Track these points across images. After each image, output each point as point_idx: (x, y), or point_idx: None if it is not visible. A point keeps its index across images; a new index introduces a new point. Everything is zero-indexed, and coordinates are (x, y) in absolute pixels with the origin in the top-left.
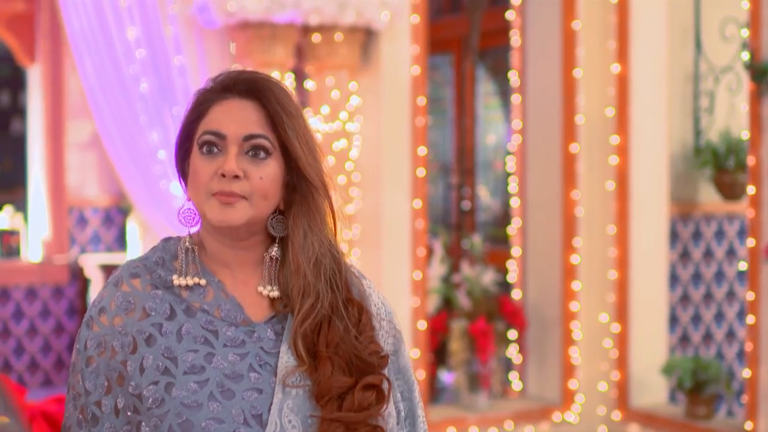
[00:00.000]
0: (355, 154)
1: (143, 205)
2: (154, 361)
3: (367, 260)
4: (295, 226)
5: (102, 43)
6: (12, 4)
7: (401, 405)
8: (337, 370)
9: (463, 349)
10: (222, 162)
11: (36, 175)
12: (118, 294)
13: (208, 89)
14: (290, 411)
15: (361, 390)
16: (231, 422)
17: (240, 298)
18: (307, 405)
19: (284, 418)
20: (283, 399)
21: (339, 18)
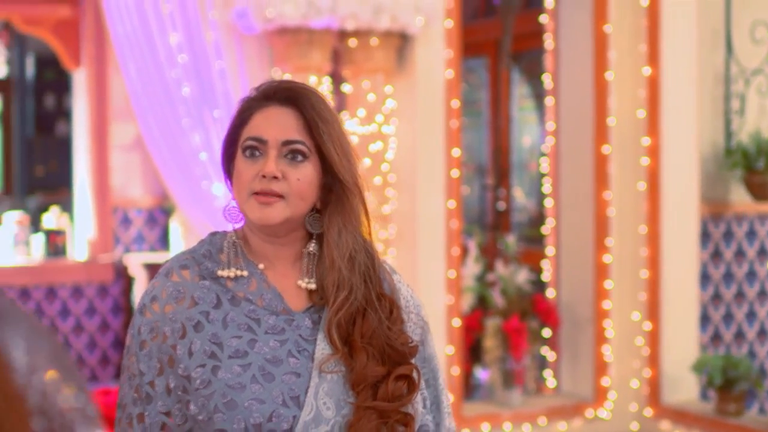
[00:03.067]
0: (391, 156)
1: (185, 205)
2: (202, 346)
3: (402, 259)
4: (330, 224)
5: (145, 48)
6: (58, 9)
7: (426, 392)
8: (372, 360)
9: (497, 347)
10: (263, 164)
11: (81, 176)
12: (168, 284)
13: (250, 98)
14: (325, 394)
15: (394, 380)
16: (271, 403)
17: (280, 289)
18: (341, 389)
19: (319, 400)
20: (319, 383)
21: (374, 23)
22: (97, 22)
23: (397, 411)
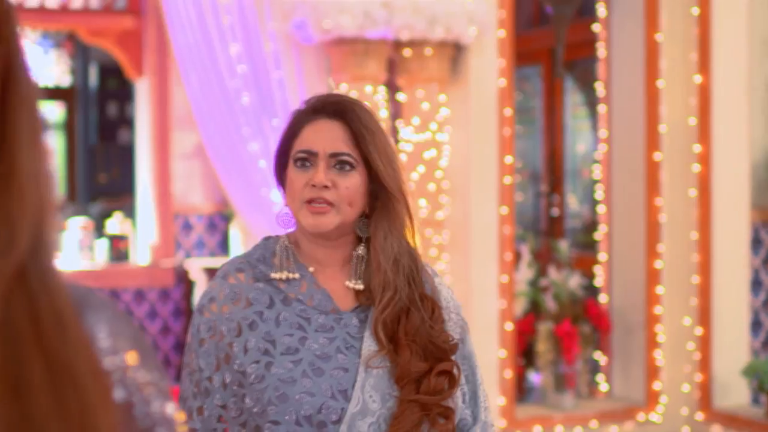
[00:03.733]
0: (445, 163)
1: (245, 212)
2: (256, 344)
3: (456, 264)
4: (376, 228)
5: (206, 59)
6: (121, 21)
7: (465, 387)
8: (415, 356)
9: (549, 351)
10: (313, 174)
11: (143, 183)
12: (225, 286)
13: (300, 111)
14: (371, 388)
15: (436, 375)
16: (321, 396)
17: (329, 290)
18: (386, 383)
19: (366, 393)
20: (365, 377)
21: (429, 34)
22: (160, 33)
23: (438, 404)
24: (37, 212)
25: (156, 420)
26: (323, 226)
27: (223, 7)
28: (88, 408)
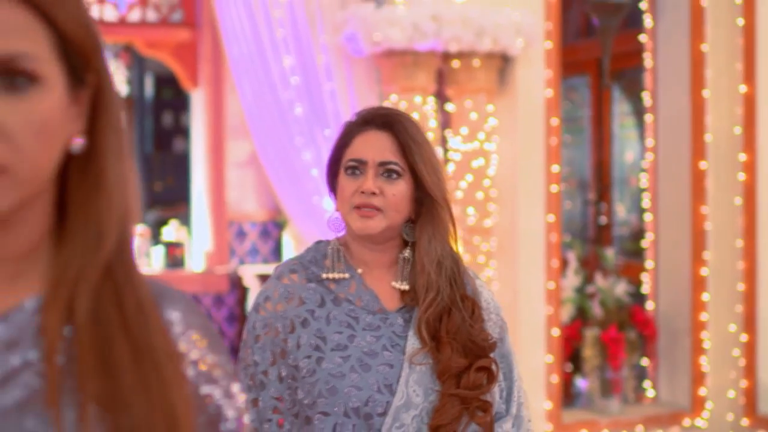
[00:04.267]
0: (493, 172)
1: (298, 219)
2: (308, 340)
3: (503, 271)
4: (421, 233)
5: (260, 70)
6: (177, 33)
7: (503, 383)
8: (455, 353)
9: (596, 356)
10: (363, 181)
11: (198, 191)
12: (279, 286)
13: (352, 122)
14: (415, 383)
15: (475, 371)
16: (367, 389)
17: (377, 291)
18: (428, 379)
19: (410, 388)
20: (409, 373)
21: (477, 45)
22: (215, 45)
23: (477, 398)
24: (123, 215)
25: (223, 396)
26: (371, 228)
27: (276, 21)
28: (166, 384)
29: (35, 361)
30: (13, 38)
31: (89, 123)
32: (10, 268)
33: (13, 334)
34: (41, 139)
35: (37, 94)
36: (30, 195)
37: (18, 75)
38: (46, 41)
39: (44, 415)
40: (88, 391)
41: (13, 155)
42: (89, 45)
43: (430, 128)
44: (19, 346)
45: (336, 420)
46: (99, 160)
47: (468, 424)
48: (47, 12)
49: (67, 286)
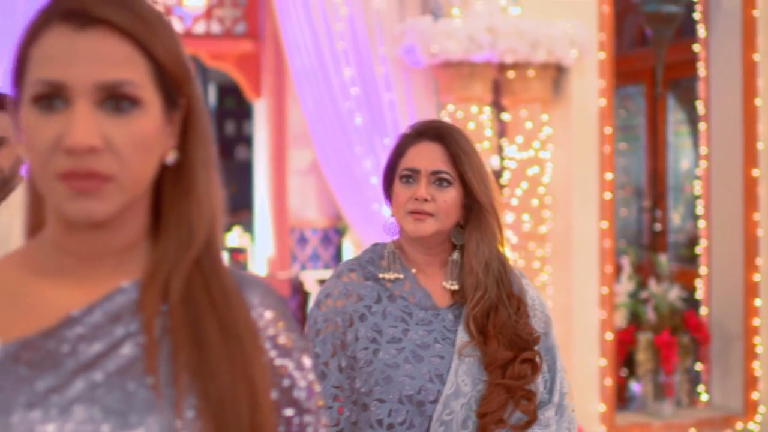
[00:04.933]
0: (547, 180)
1: (357, 226)
2: (365, 333)
3: (558, 276)
4: (470, 237)
5: (321, 81)
6: (241, 45)
7: (547, 375)
8: (502, 346)
9: (649, 360)
10: (416, 189)
11: (261, 198)
12: (339, 283)
13: (407, 134)
14: (464, 373)
15: (520, 363)
16: (420, 379)
17: (429, 289)
18: (476, 370)
19: (459, 378)
20: (458, 364)
21: (531, 56)
22: (277, 56)
23: (521, 388)
24: (210, 218)
25: (295, 367)
26: (423, 231)
27: (337, 33)
28: (247, 357)
29: (136, 332)
30: (119, 68)
31: (181, 139)
32: (114, 260)
33: (116, 311)
34: (141, 153)
35: (139, 115)
36: (132, 199)
37: (123, 99)
38: (146, 70)
39: (143, 380)
40: (181, 361)
41: (118, 166)
42: (181, 73)
43: (486, 137)
44: (122, 320)
45: (391, 407)
46: (189, 171)
47: (513, 411)
48: (146, 46)
49: (163, 273)
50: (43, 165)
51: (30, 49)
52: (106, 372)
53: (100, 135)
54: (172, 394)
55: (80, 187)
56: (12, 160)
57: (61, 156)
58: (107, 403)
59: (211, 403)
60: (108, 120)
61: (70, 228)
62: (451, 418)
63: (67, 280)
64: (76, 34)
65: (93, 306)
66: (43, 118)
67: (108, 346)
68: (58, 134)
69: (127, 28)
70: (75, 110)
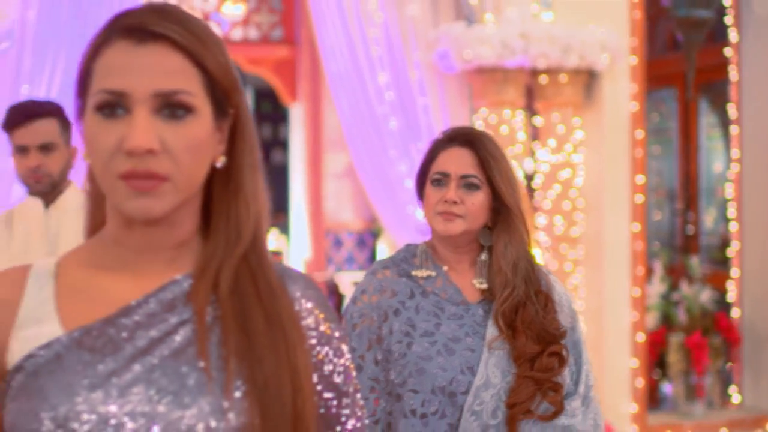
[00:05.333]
0: (580, 183)
1: (392, 228)
2: (400, 327)
3: (590, 278)
4: (498, 238)
5: (356, 86)
6: (277, 50)
7: (573, 368)
8: (530, 340)
9: (680, 361)
10: (446, 192)
11: (297, 201)
12: (374, 280)
13: (439, 140)
14: (493, 366)
15: (547, 356)
16: (452, 371)
17: (460, 286)
18: (505, 362)
19: (489, 370)
20: (488, 357)
21: (564, 61)
22: (313, 62)
23: (549, 380)
24: (255, 216)
25: (334, 354)
26: (451, 231)
27: (372, 39)
28: (290, 343)
29: (188, 320)
30: (175, 78)
31: (229, 145)
32: (168, 255)
33: (170, 300)
34: (194, 155)
35: (192, 121)
36: (185, 199)
37: (177, 107)
38: (198, 81)
39: (195, 363)
40: (230, 347)
41: (173, 167)
42: (230, 85)
43: (519, 141)
44: (176, 309)
45: (424, 397)
46: (237, 175)
47: (540, 402)
48: (199, 59)
49: (213, 266)
50: (106, 166)
51: (93, 62)
52: (161, 356)
53: (157, 139)
54: (221, 377)
55: (139, 186)
56: (60, 164)
57: (122, 158)
58: (163, 385)
59: (256, 386)
60: (164, 125)
61: (128, 225)
62: (481, 409)
63: (125, 273)
64: (136, 48)
65: (149, 296)
66: (106, 124)
67: (163, 332)
68: (119, 138)
69: (182, 42)
70: (135, 116)
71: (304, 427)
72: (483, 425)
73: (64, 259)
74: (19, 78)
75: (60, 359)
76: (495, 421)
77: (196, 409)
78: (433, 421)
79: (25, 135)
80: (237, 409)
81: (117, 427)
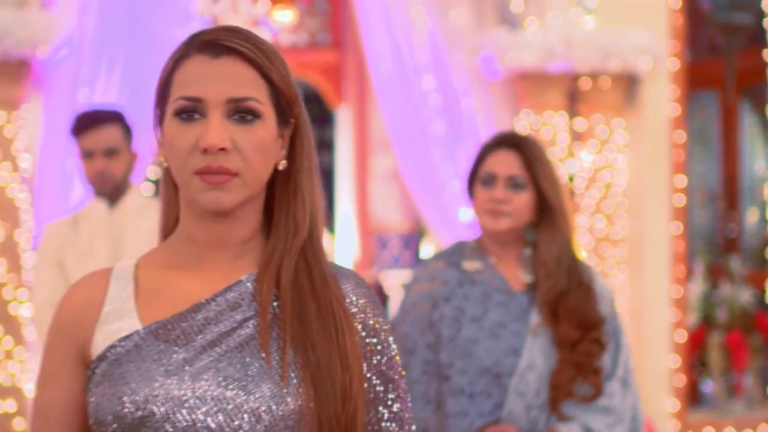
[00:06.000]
0: (621, 184)
1: (436, 229)
2: (449, 313)
3: (631, 277)
4: (541, 235)
5: (402, 90)
6: (324, 55)
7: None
8: (571, 327)
9: (720, 360)
10: (494, 191)
11: (344, 203)
12: (426, 271)
13: (488, 143)
14: (537, 350)
15: (588, 342)
16: (497, 353)
17: (506, 276)
18: (548, 347)
19: (533, 354)
20: (532, 341)
21: (605, 66)
22: (360, 66)
23: (589, 365)
24: (312, 215)
25: (380, 343)
26: (498, 227)
27: (417, 44)
28: (340, 330)
29: (252, 317)
30: (245, 87)
31: (290, 151)
32: (235, 251)
33: (237, 299)
34: (260, 155)
35: (259, 125)
36: (251, 194)
37: (247, 112)
38: (265, 91)
39: (257, 353)
40: (287, 339)
41: (243, 165)
42: (292, 97)
43: (561, 143)
44: (241, 307)
45: (471, 377)
46: (296, 177)
47: (581, 385)
48: (266, 72)
49: (274, 263)
50: (183, 164)
51: (173, 74)
52: (227, 348)
53: (229, 139)
54: (279, 366)
55: (213, 181)
56: (123, 168)
57: (198, 156)
58: (229, 373)
59: (310, 370)
60: (235, 128)
61: (200, 219)
62: (526, 389)
63: (197, 272)
64: (212, 61)
65: (217, 295)
66: (184, 127)
67: (229, 327)
68: (196, 138)
69: (251, 57)
70: (210, 119)
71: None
72: (527, 405)
73: (142, 260)
74: (77, 83)
75: (139, 349)
76: (538, 401)
77: (258, 394)
78: (480, 400)
79: (91, 140)
80: (294, 394)
81: (190, 409)
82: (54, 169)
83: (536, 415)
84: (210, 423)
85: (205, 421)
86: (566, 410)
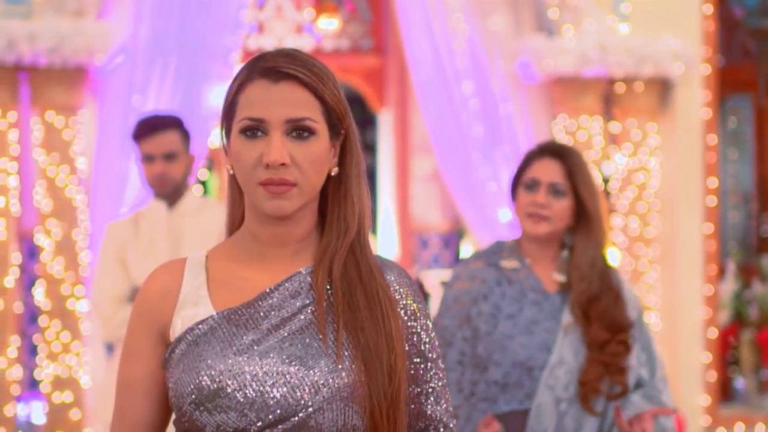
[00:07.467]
0: (655, 186)
1: (476, 229)
2: (487, 310)
3: (664, 276)
4: (578, 239)
5: (442, 94)
6: (366, 59)
7: (643, 355)
8: (601, 328)
9: (752, 357)
10: (536, 196)
11: (385, 203)
12: (467, 269)
13: (532, 150)
14: (568, 346)
15: (616, 343)
16: (530, 348)
17: (541, 277)
18: (578, 344)
19: (563, 350)
20: (563, 339)
21: (639, 71)
22: (401, 70)
23: (616, 364)
24: (360, 215)
25: (421, 329)
26: (538, 231)
27: (457, 50)
28: (386, 317)
29: (310, 304)
30: (302, 108)
31: (340, 158)
32: (293, 248)
33: (296, 288)
34: (315, 167)
35: (314, 141)
36: (307, 201)
37: (303, 130)
38: (319, 110)
39: (316, 335)
40: (340, 323)
41: (300, 176)
42: (342, 112)
43: (596, 146)
44: (300, 295)
45: (505, 370)
46: (346, 182)
47: (608, 383)
48: (319, 94)
49: (327, 258)
50: (249, 176)
51: (238, 96)
52: (290, 331)
53: (288, 154)
54: (334, 346)
55: (274, 191)
56: (182, 171)
57: (262, 169)
58: (291, 352)
59: (360, 350)
60: (293, 144)
61: (264, 221)
62: (555, 383)
63: (260, 265)
64: (272, 85)
65: (279, 285)
66: (249, 143)
67: (291, 313)
68: (259, 154)
69: (306, 81)
70: (271, 138)
71: (398, 379)
72: (556, 398)
73: (212, 252)
74: (131, 89)
75: (214, 331)
76: (567, 395)
77: (318, 370)
78: (512, 389)
79: (151, 145)
80: (347, 369)
81: (259, 383)
82: (109, 171)
83: (565, 408)
84: (276, 394)
85: (271, 392)
86: (597, 406)
